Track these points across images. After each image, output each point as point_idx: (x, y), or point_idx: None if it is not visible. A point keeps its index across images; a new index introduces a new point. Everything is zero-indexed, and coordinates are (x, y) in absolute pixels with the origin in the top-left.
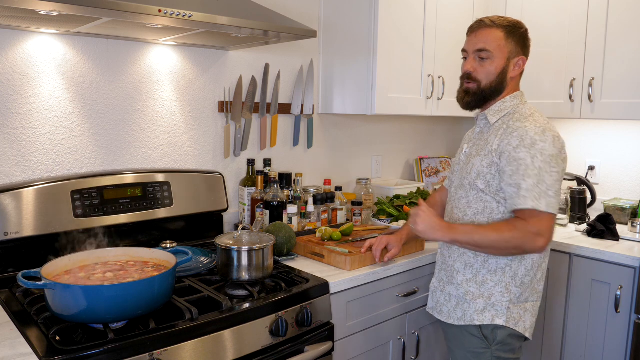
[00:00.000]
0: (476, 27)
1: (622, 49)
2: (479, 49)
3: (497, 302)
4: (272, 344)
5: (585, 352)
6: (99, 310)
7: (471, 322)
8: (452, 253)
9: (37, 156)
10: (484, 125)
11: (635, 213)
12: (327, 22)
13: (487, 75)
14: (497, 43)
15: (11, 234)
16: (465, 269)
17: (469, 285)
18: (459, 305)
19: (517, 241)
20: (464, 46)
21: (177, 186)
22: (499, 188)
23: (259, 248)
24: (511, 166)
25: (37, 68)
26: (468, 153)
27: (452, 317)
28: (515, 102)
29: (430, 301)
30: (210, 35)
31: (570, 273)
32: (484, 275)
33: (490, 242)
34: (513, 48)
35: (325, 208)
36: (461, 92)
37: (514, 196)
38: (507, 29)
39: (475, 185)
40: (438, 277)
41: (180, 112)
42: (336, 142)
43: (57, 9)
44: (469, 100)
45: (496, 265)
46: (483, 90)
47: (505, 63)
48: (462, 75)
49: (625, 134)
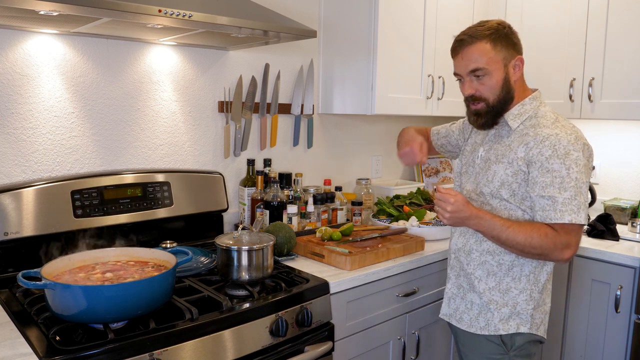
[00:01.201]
0: (458, 47)
1: (622, 49)
2: (472, 70)
3: (522, 310)
4: (272, 344)
5: (585, 352)
6: (99, 310)
7: (495, 332)
8: (471, 260)
9: (37, 156)
10: (501, 128)
11: (635, 213)
12: (327, 22)
13: (491, 90)
14: (487, 57)
15: (11, 234)
16: (487, 277)
17: (492, 294)
18: (482, 314)
19: (544, 250)
20: (455, 70)
21: (177, 186)
22: (524, 197)
23: (259, 248)
24: (544, 177)
25: (37, 68)
26: (485, 157)
27: (473, 326)
28: (535, 104)
29: (446, 308)
30: (210, 35)
31: (570, 273)
32: (507, 283)
33: (516, 243)
34: (505, 53)
35: (325, 208)
36: (471, 115)
37: (548, 209)
38: (490, 37)
39: (499, 194)
40: (456, 284)
41: (180, 112)
42: (336, 142)
43: (57, 9)
44: (483, 121)
45: (520, 272)
46: (493, 106)
47: (504, 71)
48: (465, 98)
49: (625, 134)
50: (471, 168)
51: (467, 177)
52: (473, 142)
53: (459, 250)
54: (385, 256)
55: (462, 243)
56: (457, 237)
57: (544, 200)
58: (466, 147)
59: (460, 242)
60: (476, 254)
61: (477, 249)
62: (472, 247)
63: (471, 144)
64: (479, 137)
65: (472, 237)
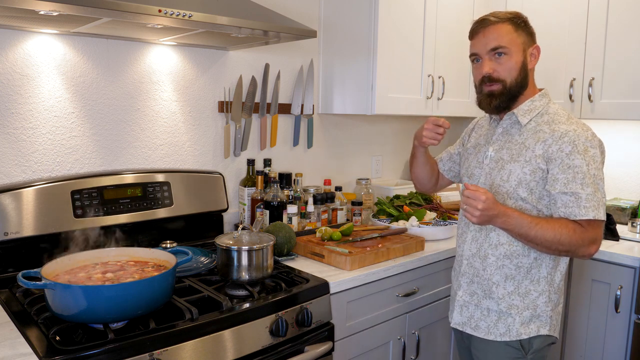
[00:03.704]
0: (481, 26)
1: (622, 49)
2: (494, 48)
3: (542, 312)
4: (272, 344)
5: (585, 352)
6: (99, 310)
7: (518, 337)
8: (487, 265)
9: (37, 156)
10: (510, 125)
11: (635, 213)
12: (327, 22)
13: (509, 72)
14: (510, 36)
15: (11, 234)
16: (505, 281)
17: (511, 299)
18: (501, 320)
19: (572, 246)
20: (473, 49)
21: (177, 186)
22: (541, 195)
23: (259, 248)
24: (566, 174)
25: (37, 68)
26: (496, 157)
27: (492, 333)
28: (545, 101)
29: (458, 316)
30: (210, 35)
31: (571, 273)
32: (526, 286)
33: (544, 240)
34: (525, 38)
35: (325, 208)
36: (484, 96)
37: (571, 205)
38: (512, 21)
39: (516, 193)
40: (468, 291)
41: (180, 112)
42: (336, 142)
43: (57, 9)
44: (498, 103)
45: (538, 274)
46: (510, 89)
47: (523, 55)
48: (480, 80)
49: (625, 134)
50: (478, 170)
51: (475, 179)
52: (475, 143)
53: (473, 257)
54: (385, 256)
55: (476, 248)
56: (470, 242)
57: (567, 197)
58: (467, 150)
59: (473, 248)
60: (492, 258)
61: (493, 253)
62: (487, 252)
63: (473, 146)
64: (482, 139)
65: (486, 241)
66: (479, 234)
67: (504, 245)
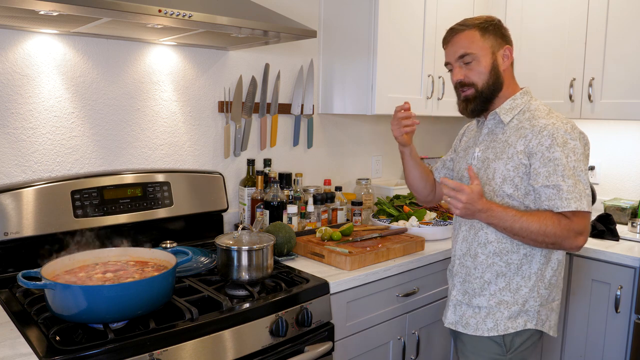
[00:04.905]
0: (449, 36)
1: (622, 49)
2: (460, 55)
3: (530, 307)
4: (272, 344)
5: (585, 352)
6: (99, 310)
7: (505, 331)
8: (478, 264)
9: (37, 156)
10: (495, 125)
11: (635, 213)
12: (327, 22)
13: (479, 75)
14: (476, 43)
15: (11, 234)
16: (497, 278)
17: (502, 295)
18: (490, 315)
19: (558, 238)
20: (445, 59)
21: (177, 186)
22: (527, 191)
23: (259, 248)
24: (547, 167)
25: (37, 68)
26: (482, 157)
27: (480, 329)
28: (526, 99)
29: (452, 315)
30: (210, 35)
31: (571, 273)
32: (517, 282)
33: (529, 232)
34: (493, 41)
35: (325, 208)
36: (461, 102)
37: (554, 198)
38: (479, 26)
39: (502, 190)
40: (462, 290)
41: (180, 112)
42: (336, 142)
43: (57, 9)
44: (473, 107)
45: (529, 271)
46: (482, 91)
47: (492, 58)
48: (455, 86)
49: (625, 134)
50: (467, 172)
51: (465, 180)
52: (465, 147)
53: (464, 256)
54: (385, 256)
55: (467, 248)
56: (461, 242)
57: (549, 190)
58: (459, 154)
59: (464, 247)
60: (482, 257)
61: (482, 252)
62: (477, 251)
63: (464, 149)
64: (471, 140)
65: (475, 240)
66: (468, 233)
67: (493, 243)
